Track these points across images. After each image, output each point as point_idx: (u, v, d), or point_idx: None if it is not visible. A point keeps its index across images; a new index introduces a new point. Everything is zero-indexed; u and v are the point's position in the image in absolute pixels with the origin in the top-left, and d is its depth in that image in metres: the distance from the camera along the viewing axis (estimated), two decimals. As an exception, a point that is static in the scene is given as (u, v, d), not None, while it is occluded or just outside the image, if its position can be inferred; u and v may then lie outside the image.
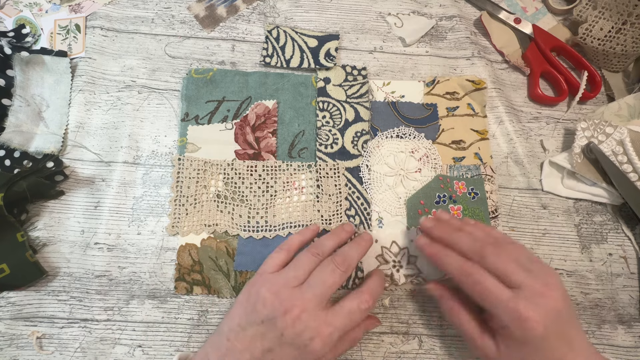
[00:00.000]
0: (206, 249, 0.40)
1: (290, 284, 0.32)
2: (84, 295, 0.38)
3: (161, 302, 0.39)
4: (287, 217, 0.42)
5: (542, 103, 0.49)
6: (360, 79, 0.47)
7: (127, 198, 0.41)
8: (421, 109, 0.47)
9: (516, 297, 0.29)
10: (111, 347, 0.37)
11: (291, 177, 0.43)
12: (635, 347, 0.40)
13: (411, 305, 0.40)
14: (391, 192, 0.43)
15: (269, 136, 0.44)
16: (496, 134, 0.47)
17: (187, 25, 0.48)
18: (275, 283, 0.32)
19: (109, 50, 0.46)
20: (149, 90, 0.45)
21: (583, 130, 0.45)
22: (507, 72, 0.50)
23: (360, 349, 0.39)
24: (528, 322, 0.28)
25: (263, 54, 0.47)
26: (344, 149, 0.44)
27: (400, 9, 0.51)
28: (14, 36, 0.45)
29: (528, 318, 0.28)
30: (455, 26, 0.51)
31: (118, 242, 0.40)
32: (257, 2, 0.50)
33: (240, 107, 0.45)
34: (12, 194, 0.37)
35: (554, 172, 0.46)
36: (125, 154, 0.43)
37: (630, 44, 0.47)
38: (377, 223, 0.42)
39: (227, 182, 0.42)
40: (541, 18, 0.52)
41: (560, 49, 0.50)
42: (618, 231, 0.44)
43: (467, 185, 0.44)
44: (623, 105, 0.47)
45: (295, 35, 0.48)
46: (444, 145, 0.46)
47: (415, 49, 0.50)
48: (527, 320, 0.28)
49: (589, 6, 0.48)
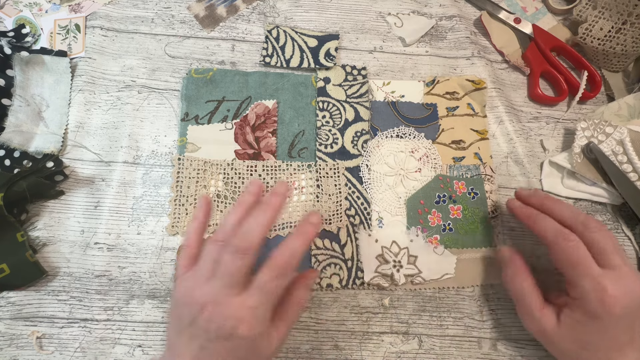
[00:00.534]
0: (206, 248, 0.40)
1: (200, 281, 0.31)
2: (84, 295, 0.38)
3: (161, 302, 0.39)
4: (287, 217, 0.42)
5: (542, 103, 0.49)
6: (360, 78, 0.47)
7: (127, 198, 0.41)
8: (421, 109, 0.47)
9: (606, 275, 0.31)
10: (111, 347, 0.37)
11: (291, 177, 0.43)
12: (635, 347, 0.40)
13: (411, 305, 0.40)
14: (391, 192, 0.43)
15: (268, 136, 0.44)
16: (496, 133, 0.47)
17: (187, 25, 0.48)
18: (187, 284, 0.31)
19: (108, 50, 0.46)
20: (149, 90, 0.45)
21: (583, 130, 0.45)
22: (507, 72, 0.50)
23: (361, 349, 0.39)
24: (611, 298, 0.30)
25: (263, 54, 0.47)
26: (343, 148, 0.44)
27: (400, 8, 0.51)
28: (14, 36, 0.45)
29: (612, 296, 0.30)
30: (455, 26, 0.51)
31: (118, 242, 0.40)
32: (257, 2, 0.50)
33: (240, 107, 0.45)
34: (12, 194, 0.37)
35: (554, 172, 0.46)
36: (125, 154, 0.43)
37: (630, 44, 0.47)
38: (377, 223, 0.42)
39: (227, 182, 0.42)
40: (541, 18, 0.52)
41: (560, 49, 0.50)
42: (618, 231, 0.44)
43: (467, 185, 0.44)
44: (623, 105, 0.47)
45: (295, 35, 0.48)
46: (443, 145, 0.46)
47: (415, 48, 0.50)
48: (610, 297, 0.30)
49: (589, 6, 0.48)
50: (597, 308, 0.30)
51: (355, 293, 0.40)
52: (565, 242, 0.33)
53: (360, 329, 0.39)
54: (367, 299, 0.40)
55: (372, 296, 0.40)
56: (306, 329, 0.39)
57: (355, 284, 0.40)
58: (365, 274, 0.40)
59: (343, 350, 0.39)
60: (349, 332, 0.39)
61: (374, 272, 0.40)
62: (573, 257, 0.32)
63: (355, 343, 0.39)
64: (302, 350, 0.38)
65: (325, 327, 0.39)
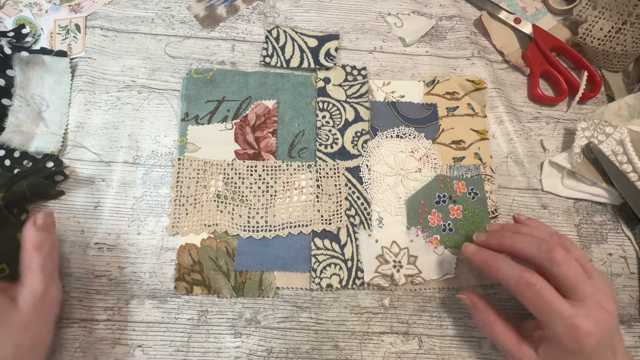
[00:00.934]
0: (206, 249, 0.40)
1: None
2: (84, 295, 0.38)
3: (161, 302, 0.39)
4: (287, 217, 0.42)
5: (542, 103, 0.49)
6: (360, 78, 0.47)
7: (127, 198, 0.41)
8: (421, 109, 0.47)
9: (577, 313, 0.29)
10: (111, 347, 0.37)
11: (291, 177, 0.43)
12: (635, 347, 0.40)
13: (411, 305, 0.40)
14: (391, 192, 0.43)
15: (268, 136, 0.44)
16: (496, 134, 0.47)
17: (187, 25, 0.48)
18: None
19: (109, 50, 0.46)
20: (149, 90, 0.45)
21: (583, 130, 0.45)
22: (507, 72, 0.50)
23: (361, 349, 0.39)
24: (585, 336, 0.28)
25: (263, 54, 0.47)
26: (344, 148, 0.44)
27: (400, 9, 0.51)
28: (13, 36, 0.45)
29: (587, 333, 0.28)
30: (455, 26, 0.51)
31: (118, 242, 0.40)
32: (257, 2, 0.50)
33: (240, 107, 0.45)
34: (12, 194, 0.37)
35: (554, 172, 0.46)
36: (125, 154, 0.43)
37: (630, 44, 0.47)
38: (377, 223, 0.42)
39: (227, 182, 0.42)
40: (541, 18, 0.52)
41: (560, 49, 0.50)
42: (618, 231, 0.44)
43: (467, 185, 0.44)
44: (623, 105, 0.47)
45: (295, 35, 0.48)
46: (444, 145, 0.46)
47: (415, 49, 0.50)
48: (585, 335, 0.28)
49: (589, 6, 0.48)
50: (573, 346, 0.29)
51: (355, 293, 0.40)
52: (528, 288, 0.30)
53: (360, 329, 0.39)
54: (367, 299, 0.40)
55: (372, 296, 0.40)
56: (306, 329, 0.39)
57: (355, 284, 0.40)
58: (365, 274, 0.40)
59: (343, 351, 0.39)
60: (349, 332, 0.39)
61: (374, 272, 0.40)
62: (538, 303, 0.30)
63: (355, 343, 0.39)
64: (302, 350, 0.38)
65: (325, 327, 0.39)
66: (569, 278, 0.30)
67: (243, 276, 0.40)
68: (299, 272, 0.40)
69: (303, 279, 0.40)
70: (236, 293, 0.39)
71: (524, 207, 0.44)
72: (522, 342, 0.32)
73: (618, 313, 0.41)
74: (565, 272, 0.31)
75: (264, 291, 0.39)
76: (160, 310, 0.38)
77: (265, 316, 0.39)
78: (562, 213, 0.44)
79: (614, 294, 0.31)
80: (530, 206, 0.44)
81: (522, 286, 0.31)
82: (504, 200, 0.44)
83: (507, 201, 0.44)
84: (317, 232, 0.41)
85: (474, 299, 0.36)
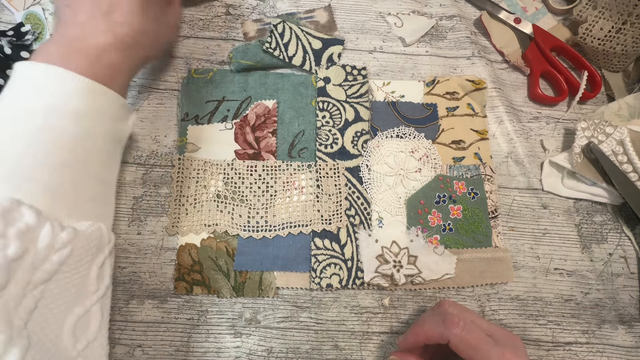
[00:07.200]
0: (206, 249, 0.40)
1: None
2: (83, 295, 0.38)
3: (161, 302, 0.39)
4: (287, 217, 0.42)
5: (542, 103, 0.49)
6: (360, 78, 0.47)
7: (127, 198, 0.41)
8: (421, 109, 0.47)
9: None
10: (111, 347, 0.37)
11: (291, 177, 0.43)
12: (635, 347, 0.40)
13: (411, 305, 0.40)
14: (391, 192, 0.43)
15: (268, 136, 0.44)
16: (496, 133, 0.47)
17: (187, 25, 0.48)
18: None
19: (108, 50, 0.46)
20: (149, 90, 0.45)
21: (583, 130, 0.45)
22: (507, 72, 0.50)
23: (360, 349, 0.39)
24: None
25: (265, 46, 0.46)
26: (343, 148, 0.44)
27: (400, 8, 0.51)
28: (13, 35, 0.45)
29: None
30: (455, 26, 0.51)
31: (118, 242, 0.40)
32: (257, 2, 0.50)
33: (240, 107, 0.45)
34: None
35: (554, 172, 0.46)
36: (125, 154, 0.43)
37: (630, 44, 0.47)
38: (377, 223, 0.42)
39: (227, 182, 0.42)
40: (541, 18, 0.52)
41: (560, 49, 0.50)
42: (618, 231, 0.44)
43: (467, 185, 0.44)
44: (623, 105, 0.47)
45: (301, 34, 0.47)
46: (443, 145, 0.46)
47: (415, 48, 0.50)
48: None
49: (589, 6, 0.48)
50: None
51: (355, 293, 0.40)
52: (454, 326, 0.31)
53: (360, 329, 0.39)
54: (367, 299, 0.40)
55: (372, 296, 0.40)
56: (306, 329, 0.39)
57: (355, 284, 0.40)
58: (365, 274, 0.40)
59: (343, 350, 0.39)
60: (349, 332, 0.39)
61: (374, 272, 0.40)
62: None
63: (355, 343, 0.39)
64: (302, 350, 0.38)
65: (325, 327, 0.39)
66: (471, 343, 0.30)
67: (243, 276, 0.40)
68: (298, 272, 0.40)
69: (303, 279, 0.40)
70: (236, 293, 0.39)
71: (524, 207, 0.44)
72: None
73: (618, 313, 0.41)
74: (466, 345, 0.30)
75: (264, 291, 0.39)
76: (160, 310, 0.38)
77: (265, 316, 0.39)
78: (562, 213, 0.44)
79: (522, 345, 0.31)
80: (530, 206, 0.44)
81: (448, 323, 0.31)
82: (504, 200, 0.44)
83: (507, 201, 0.44)
84: (317, 232, 0.41)
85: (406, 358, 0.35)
